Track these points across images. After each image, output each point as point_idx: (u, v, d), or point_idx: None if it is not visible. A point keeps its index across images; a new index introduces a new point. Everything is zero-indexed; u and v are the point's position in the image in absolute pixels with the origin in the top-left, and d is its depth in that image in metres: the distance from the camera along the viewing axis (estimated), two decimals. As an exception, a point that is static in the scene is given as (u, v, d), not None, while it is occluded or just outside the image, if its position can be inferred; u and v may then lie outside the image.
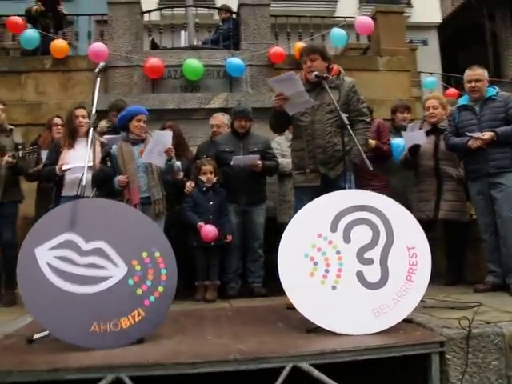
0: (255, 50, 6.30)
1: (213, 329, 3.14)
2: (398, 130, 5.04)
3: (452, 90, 7.36)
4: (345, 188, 3.75)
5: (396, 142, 4.82)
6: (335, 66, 3.80)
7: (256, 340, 2.79)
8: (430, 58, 11.38)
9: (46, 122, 5.10)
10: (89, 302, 2.79)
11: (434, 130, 4.55)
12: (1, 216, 4.35)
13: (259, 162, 4.45)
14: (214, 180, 4.47)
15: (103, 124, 5.03)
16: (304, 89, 3.49)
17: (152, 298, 2.91)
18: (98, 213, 3.03)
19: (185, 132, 5.69)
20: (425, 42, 12.12)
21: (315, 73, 3.58)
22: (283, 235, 3.15)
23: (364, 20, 6.87)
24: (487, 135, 3.89)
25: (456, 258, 4.59)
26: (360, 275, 2.96)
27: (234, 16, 6.76)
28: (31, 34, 6.08)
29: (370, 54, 7.06)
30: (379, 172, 4.51)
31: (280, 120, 3.74)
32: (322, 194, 3.46)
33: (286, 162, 4.65)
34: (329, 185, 3.68)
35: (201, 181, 4.45)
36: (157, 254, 3.01)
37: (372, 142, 4.38)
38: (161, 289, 2.94)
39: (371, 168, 3.20)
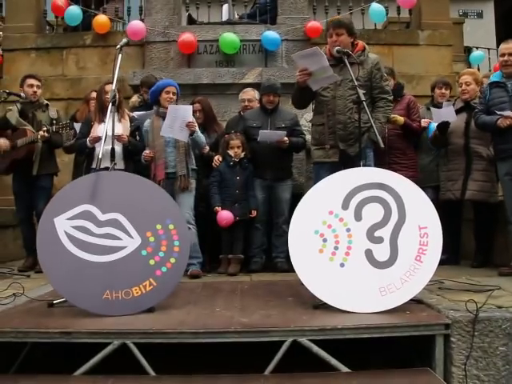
0: (292, 25, 6.18)
1: (224, 301, 3.23)
2: (435, 108, 4.86)
3: (500, 65, 6.95)
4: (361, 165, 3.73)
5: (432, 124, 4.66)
6: (360, 42, 3.74)
7: (262, 313, 2.86)
8: (485, 31, 10.79)
9: (82, 96, 5.28)
10: (103, 270, 2.93)
11: (467, 107, 4.38)
12: (37, 188, 4.59)
13: (286, 138, 4.45)
14: (242, 155, 4.50)
15: (134, 99, 5.15)
16: (328, 64, 3.45)
17: (164, 269, 3.01)
18: (115, 185, 3.15)
19: (219, 107, 5.76)
20: (480, 15, 11.47)
21: (337, 48, 3.52)
22: (295, 211, 3.18)
23: (406, -8, 6.58)
24: None
25: (484, 240, 4.46)
26: (369, 253, 2.94)
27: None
28: (74, 11, 6.25)
29: (411, 27, 6.78)
30: (407, 149, 4.42)
31: (303, 95, 3.72)
32: (339, 171, 3.46)
33: (313, 138, 4.61)
34: (347, 162, 3.65)
35: (229, 155, 4.49)
36: (171, 227, 3.10)
37: (400, 119, 4.27)
38: (173, 260, 3.04)
39: (382, 146, 3.15)
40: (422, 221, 2.96)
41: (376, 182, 3.07)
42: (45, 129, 4.38)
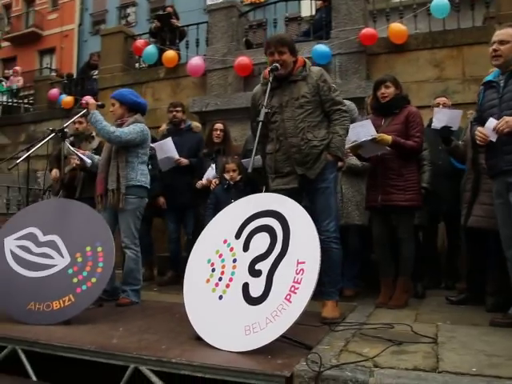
0: (345, 37, 5.85)
1: (139, 322, 3.35)
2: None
3: None
4: (324, 188, 3.41)
5: None
6: (300, 58, 3.51)
7: (143, 337, 2.91)
8: None
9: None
10: (32, 284, 3.37)
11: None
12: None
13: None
14: (238, 178, 4.52)
15: (163, 127, 5.50)
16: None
17: (84, 287, 3.32)
18: (58, 211, 3.61)
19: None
20: None
21: (271, 66, 3.39)
22: (198, 238, 3.15)
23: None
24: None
25: (505, 279, 3.57)
26: (245, 287, 2.75)
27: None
28: (150, 50, 6.99)
29: (487, 23, 5.76)
30: (404, 170, 3.83)
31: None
32: (300, 197, 3.31)
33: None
34: (307, 186, 3.41)
35: (224, 179, 4.56)
36: (99, 249, 3.43)
37: (387, 138, 3.72)
38: (94, 280, 3.33)
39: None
40: (303, 255, 2.66)
41: (271, 210, 2.88)
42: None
